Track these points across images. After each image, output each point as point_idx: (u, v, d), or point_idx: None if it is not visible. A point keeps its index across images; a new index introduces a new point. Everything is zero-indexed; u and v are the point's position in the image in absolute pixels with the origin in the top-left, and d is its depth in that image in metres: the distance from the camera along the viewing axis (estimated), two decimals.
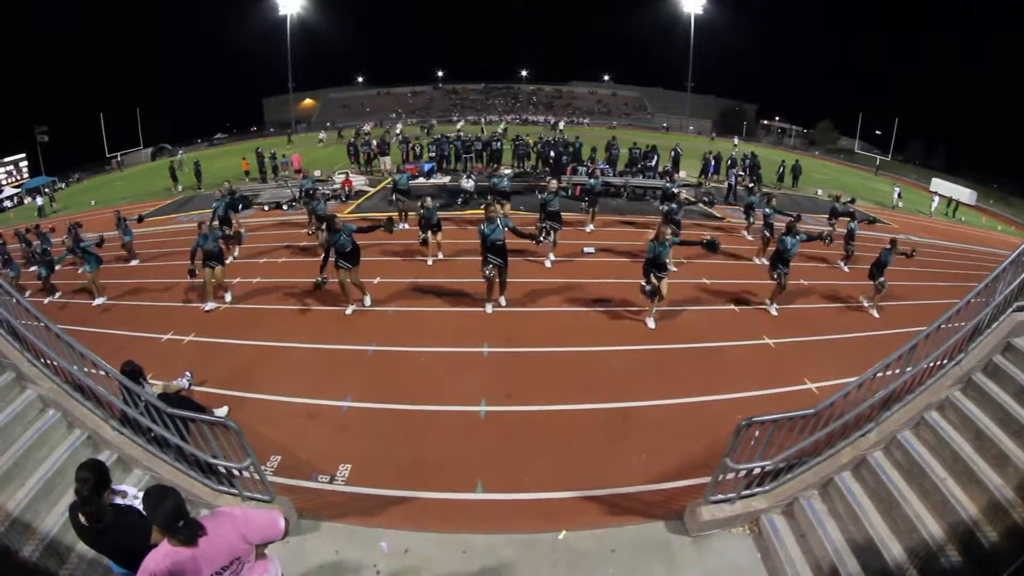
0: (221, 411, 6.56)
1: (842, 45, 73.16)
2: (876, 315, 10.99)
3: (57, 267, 12.15)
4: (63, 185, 40.46)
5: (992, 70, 60.20)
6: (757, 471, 4.79)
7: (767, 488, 4.90)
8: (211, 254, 9.79)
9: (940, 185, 42.47)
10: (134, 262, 13.40)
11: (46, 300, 11.18)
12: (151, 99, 52.47)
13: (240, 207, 16.13)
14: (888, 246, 11.00)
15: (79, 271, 11.31)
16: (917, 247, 11.42)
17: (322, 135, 44.51)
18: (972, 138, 60.81)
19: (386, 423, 6.53)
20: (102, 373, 5.04)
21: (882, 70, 70.17)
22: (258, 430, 6.09)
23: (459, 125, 42.96)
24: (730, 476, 4.70)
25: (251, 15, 58.93)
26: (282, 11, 56.57)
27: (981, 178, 51.78)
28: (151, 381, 6.01)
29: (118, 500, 3.75)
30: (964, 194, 41.30)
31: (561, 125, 51.54)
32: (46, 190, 34.20)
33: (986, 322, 5.14)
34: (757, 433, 4.54)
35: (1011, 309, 5.20)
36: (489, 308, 9.27)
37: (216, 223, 10.70)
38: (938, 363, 5.13)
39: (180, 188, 26.11)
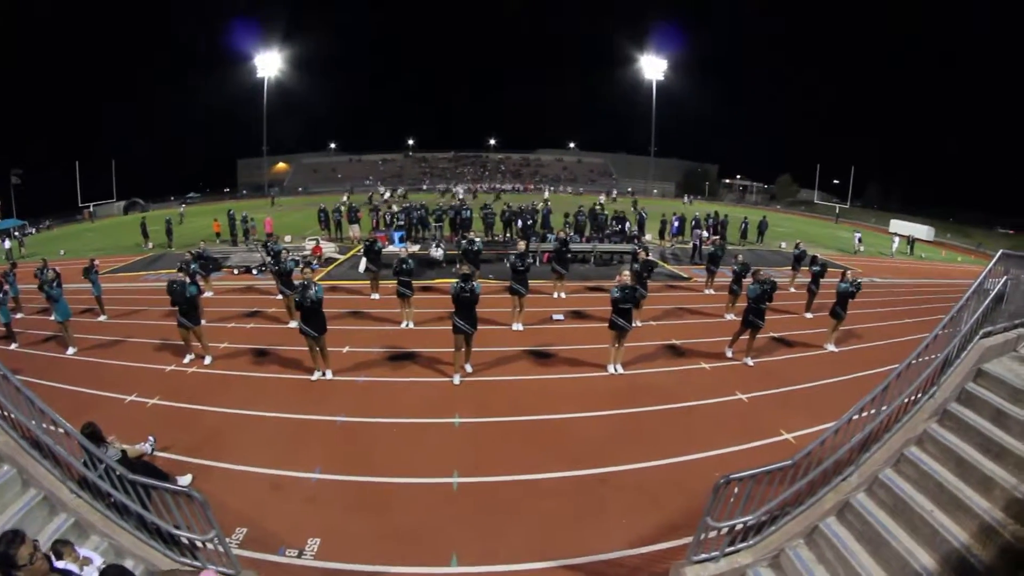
0: (185, 479, 6.27)
1: (796, 103, 77.65)
2: (834, 349, 11.37)
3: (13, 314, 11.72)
4: (33, 230, 39.79)
5: (939, 111, 64.29)
6: (740, 527, 4.66)
7: (751, 542, 4.75)
8: (183, 310, 9.60)
9: (899, 226, 44.20)
10: (101, 318, 13.08)
11: (11, 346, 10.98)
12: (127, 152, 52.75)
13: (210, 268, 15.90)
14: (840, 279, 11.39)
15: (51, 318, 11.08)
16: (862, 283, 11.90)
17: (345, 197, 44.16)
18: (925, 178, 64.24)
19: (356, 495, 6.28)
20: (61, 431, 4.81)
21: (836, 121, 74.24)
22: (223, 500, 5.79)
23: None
24: (712, 534, 4.58)
25: (231, 76, 60.15)
26: (260, 74, 57.89)
27: (938, 214, 54.21)
28: (117, 445, 5.74)
29: (73, 569, 3.51)
30: (922, 231, 43.03)
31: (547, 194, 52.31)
32: (16, 233, 33.22)
33: (955, 352, 5.23)
34: (736, 489, 4.45)
35: (978, 336, 5.33)
36: (456, 379, 9.17)
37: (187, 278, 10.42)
38: (912, 398, 5.16)
39: (150, 245, 25.80)
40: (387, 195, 44.02)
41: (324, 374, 9.28)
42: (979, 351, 5.22)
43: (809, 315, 13.98)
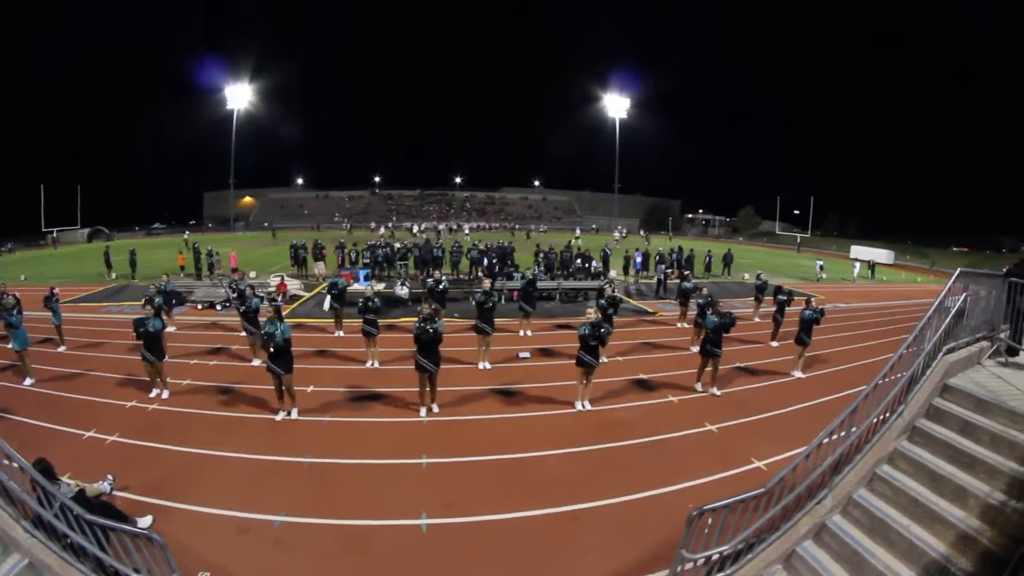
0: (145, 521, 6.01)
1: (755, 137, 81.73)
2: (801, 375, 11.56)
3: None
4: None
5: (893, 141, 68.21)
6: (716, 557, 4.62)
7: (729, 572, 4.70)
8: (147, 344, 9.36)
9: (859, 251, 45.78)
10: (61, 348, 12.62)
11: None
12: (93, 179, 51.44)
13: (173, 303, 15.50)
14: (804, 307, 11.68)
15: (9, 346, 10.63)
16: (825, 309, 12.18)
17: (382, 230, 43.51)
18: (882, 204, 67.57)
19: (323, 539, 6.06)
20: (15, 466, 4.60)
21: (795, 153, 78.04)
22: (185, 543, 5.56)
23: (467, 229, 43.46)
24: (688, 566, 4.53)
25: (201, 107, 59.97)
26: (230, 105, 57.60)
27: (897, 238, 56.46)
28: (66, 480, 5.48)
29: None
30: (882, 255, 44.61)
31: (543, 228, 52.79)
32: None
33: (920, 370, 5.36)
34: (711, 520, 4.44)
35: (941, 353, 5.49)
36: (423, 413, 9.10)
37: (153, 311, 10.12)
38: (881, 418, 5.26)
39: (114, 276, 24.97)
40: (415, 229, 44.29)
41: (289, 414, 9.05)
42: (944, 367, 5.38)
43: (775, 344, 14.20)
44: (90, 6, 57.08)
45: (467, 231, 46.01)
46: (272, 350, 8.65)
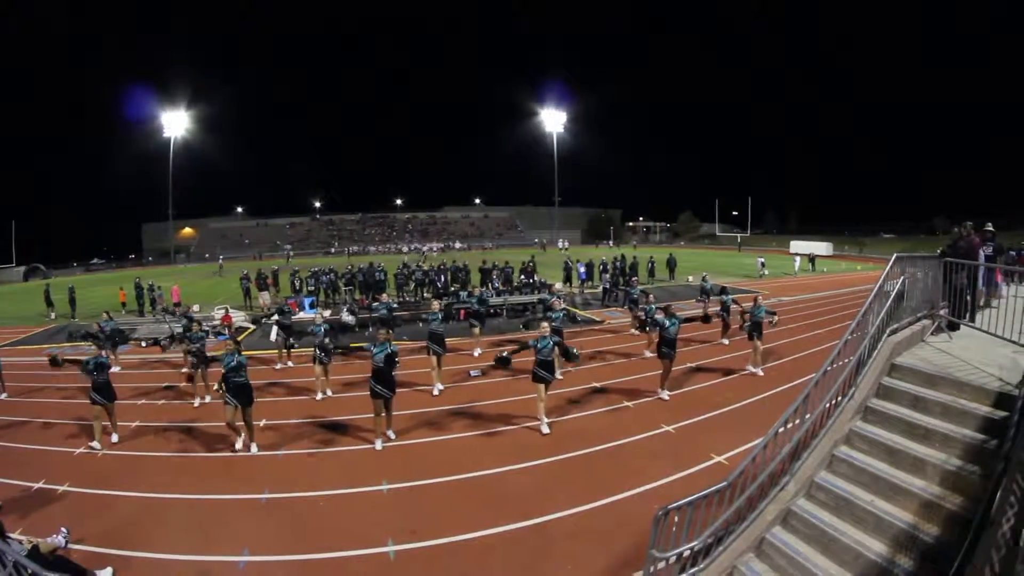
0: (104, 573, 5.70)
1: (690, 143, 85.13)
2: (761, 373, 11.78)
3: None
4: None
5: (820, 136, 72.14)
6: (687, 553, 4.69)
7: (702, 566, 4.77)
8: (97, 386, 9.00)
9: (799, 246, 47.71)
10: (2, 396, 11.94)
11: None
12: (28, 214, 49.32)
13: (116, 341, 14.81)
14: (753, 303, 12.07)
15: None
16: (778, 304, 12.54)
17: (405, 253, 42.69)
18: (818, 198, 71.37)
19: None
20: None
21: (729, 155, 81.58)
22: None
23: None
24: (661, 565, 4.58)
25: (136, 137, 58.05)
26: (167, 133, 55.86)
27: (834, 230, 59.32)
28: (17, 537, 5.16)
29: None
30: (821, 247, 46.62)
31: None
32: None
33: (867, 353, 5.61)
34: (677, 519, 4.50)
35: (885, 335, 5.76)
36: (378, 444, 8.90)
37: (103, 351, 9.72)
38: (834, 402, 5.45)
39: (54, 316, 23.84)
40: (425, 250, 43.89)
41: (248, 448, 8.81)
42: (889, 347, 5.65)
43: (726, 341, 14.57)
44: (17, 36, 54.79)
45: (435, 251, 46.32)
46: (227, 385, 8.44)
